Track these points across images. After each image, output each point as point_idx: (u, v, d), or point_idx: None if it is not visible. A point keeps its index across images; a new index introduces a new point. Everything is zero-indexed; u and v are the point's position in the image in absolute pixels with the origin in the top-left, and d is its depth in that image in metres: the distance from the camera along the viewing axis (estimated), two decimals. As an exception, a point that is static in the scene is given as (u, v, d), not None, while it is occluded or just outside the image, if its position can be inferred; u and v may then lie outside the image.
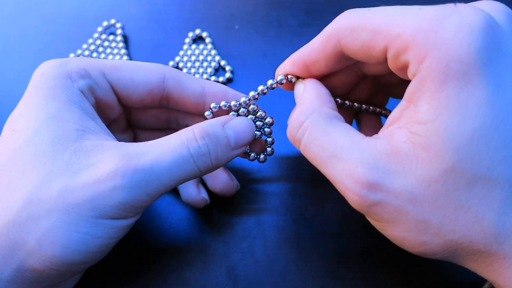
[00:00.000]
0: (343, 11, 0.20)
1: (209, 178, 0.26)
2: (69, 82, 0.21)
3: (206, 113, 0.23)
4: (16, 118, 0.20)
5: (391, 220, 0.18)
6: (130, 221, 0.20)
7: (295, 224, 0.26)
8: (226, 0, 0.36)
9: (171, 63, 0.33)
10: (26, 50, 0.34)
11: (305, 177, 0.28)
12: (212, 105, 0.23)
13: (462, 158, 0.16)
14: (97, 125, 0.21)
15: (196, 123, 0.22)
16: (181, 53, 0.33)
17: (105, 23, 0.34)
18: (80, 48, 0.34)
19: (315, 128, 0.19)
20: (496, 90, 0.16)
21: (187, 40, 0.34)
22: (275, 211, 0.27)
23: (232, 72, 0.33)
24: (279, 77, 0.23)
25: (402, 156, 0.17)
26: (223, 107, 0.23)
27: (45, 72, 0.21)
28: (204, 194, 0.25)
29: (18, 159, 0.19)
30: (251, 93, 0.23)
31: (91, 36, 0.34)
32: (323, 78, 0.23)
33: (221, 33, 0.34)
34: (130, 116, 0.25)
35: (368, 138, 0.19)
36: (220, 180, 0.25)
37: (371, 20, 0.18)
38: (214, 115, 0.23)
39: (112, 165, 0.18)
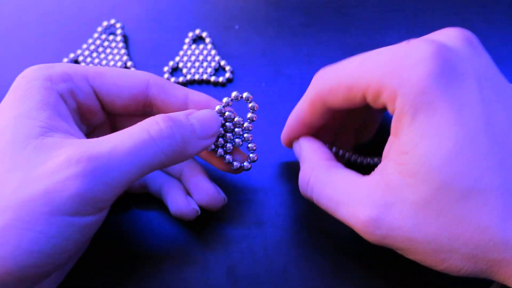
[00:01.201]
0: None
1: (195, 192, 0.25)
2: (47, 84, 0.21)
3: None
4: None
5: (405, 248, 0.19)
6: (90, 219, 0.18)
7: (295, 224, 0.26)
8: (226, 0, 0.36)
9: (171, 63, 0.33)
10: (26, 50, 0.34)
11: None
12: None
13: (447, 176, 0.17)
14: (68, 126, 0.20)
15: None
16: (181, 53, 0.33)
17: (105, 23, 0.34)
18: (80, 48, 0.34)
19: (318, 183, 0.21)
20: (462, 109, 0.17)
21: (187, 40, 0.34)
22: (275, 211, 0.27)
23: (232, 72, 0.33)
24: (233, 93, 0.24)
25: (394, 187, 0.18)
26: None
27: (26, 75, 0.21)
28: (194, 205, 0.24)
29: None
30: (225, 99, 0.23)
31: (91, 36, 0.34)
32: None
33: (221, 33, 0.34)
34: (115, 124, 0.25)
35: (364, 177, 0.20)
36: (206, 193, 0.24)
37: (343, 77, 0.21)
38: None
39: (66, 155, 0.17)
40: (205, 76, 0.32)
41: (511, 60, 0.33)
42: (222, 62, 0.33)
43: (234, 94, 0.23)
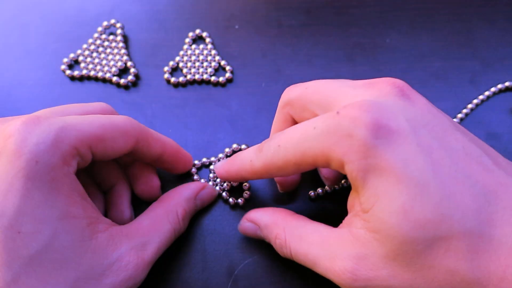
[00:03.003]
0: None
1: (139, 187, 0.26)
2: (66, 169, 0.20)
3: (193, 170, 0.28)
4: (16, 216, 0.18)
5: None
6: None
7: (295, 224, 0.26)
8: (226, 0, 0.36)
9: (171, 63, 0.33)
10: (26, 50, 0.34)
11: (305, 177, 0.28)
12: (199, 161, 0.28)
13: (406, 230, 0.18)
14: (91, 206, 0.21)
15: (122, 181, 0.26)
16: (181, 53, 0.33)
17: (105, 23, 0.34)
18: (80, 48, 0.34)
19: (294, 241, 0.22)
20: (405, 164, 0.18)
21: (187, 40, 0.34)
22: (275, 211, 0.27)
23: (232, 72, 0.33)
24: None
25: (364, 241, 0.19)
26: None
27: (40, 160, 0.19)
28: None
29: (38, 267, 0.18)
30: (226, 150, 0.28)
31: (91, 36, 0.34)
32: None
33: (221, 33, 0.34)
34: None
35: (334, 230, 0.21)
36: (150, 186, 0.27)
37: (287, 157, 0.20)
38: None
39: (132, 265, 0.21)
40: (205, 76, 0.32)
41: (511, 60, 0.33)
42: (222, 62, 0.33)
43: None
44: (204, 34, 0.34)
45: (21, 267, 0.18)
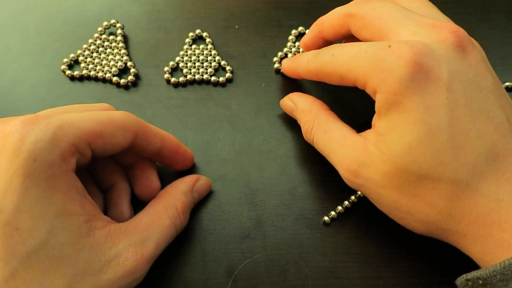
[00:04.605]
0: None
1: (139, 188, 0.27)
2: (64, 166, 0.20)
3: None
4: (14, 213, 0.18)
5: (375, 199, 0.23)
6: None
7: (295, 224, 0.26)
8: (226, 0, 0.36)
9: (171, 63, 0.33)
10: (26, 50, 0.34)
11: (305, 177, 0.28)
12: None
13: (406, 162, 0.21)
14: (90, 203, 0.21)
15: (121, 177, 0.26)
16: (181, 53, 0.33)
17: (105, 23, 0.34)
18: (80, 48, 0.34)
19: (319, 131, 0.25)
20: (426, 110, 0.20)
21: (187, 40, 0.34)
22: (275, 211, 0.27)
23: (232, 72, 0.33)
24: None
25: (371, 154, 0.22)
26: None
27: (38, 158, 0.19)
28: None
29: (35, 263, 0.18)
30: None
31: (91, 36, 0.34)
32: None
33: (221, 33, 0.34)
34: None
35: (354, 135, 0.24)
36: (151, 187, 0.27)
37: (335, 68, 0.24)
38: None
39: (131, 261, 0.21)
40: (205, 76, 0.32)
41: (511, 60, 0.33)
42: (222, 62, 0.33)
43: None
44: (204, 34, 0.34)
45: (19, 263, 0.18)
